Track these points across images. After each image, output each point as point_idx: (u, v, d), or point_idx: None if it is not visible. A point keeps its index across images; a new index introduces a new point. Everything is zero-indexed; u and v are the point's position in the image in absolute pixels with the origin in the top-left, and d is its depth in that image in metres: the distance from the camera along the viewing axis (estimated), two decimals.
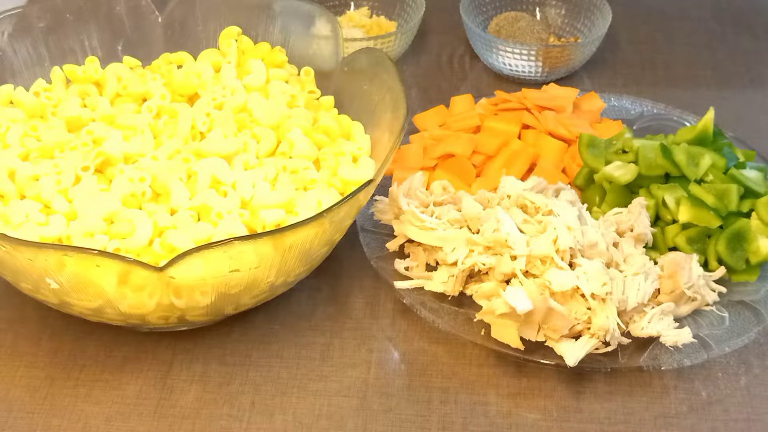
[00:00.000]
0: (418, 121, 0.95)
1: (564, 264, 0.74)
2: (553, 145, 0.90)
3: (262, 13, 0.91)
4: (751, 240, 0.80)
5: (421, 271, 0.80)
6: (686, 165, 0.81)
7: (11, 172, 0.77)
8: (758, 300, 0.78)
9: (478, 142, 0.90)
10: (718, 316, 0.77)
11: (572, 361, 0.71)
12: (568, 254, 0.75)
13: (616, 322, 0.72)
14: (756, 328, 0.75)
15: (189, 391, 0.75)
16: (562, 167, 0.89)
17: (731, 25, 1.16)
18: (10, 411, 0.73)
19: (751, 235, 0.80)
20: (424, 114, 0.96)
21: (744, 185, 0.81)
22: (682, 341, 0.73)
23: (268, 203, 0.75)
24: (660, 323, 0.74)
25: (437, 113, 0.96)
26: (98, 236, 0.72)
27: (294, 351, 0.78)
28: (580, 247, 0.75)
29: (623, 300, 0.73)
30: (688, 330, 0.74)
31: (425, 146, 0.91)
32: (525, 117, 0.93)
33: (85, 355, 0.77)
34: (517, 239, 0.75)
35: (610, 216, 0.82)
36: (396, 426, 0.72)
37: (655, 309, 0.74)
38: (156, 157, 0.78)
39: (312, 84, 0.87)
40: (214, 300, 0.71)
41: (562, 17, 1.12)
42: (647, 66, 1.10)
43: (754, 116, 1.02)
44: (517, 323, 0.73)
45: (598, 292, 0.72)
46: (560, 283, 0.73)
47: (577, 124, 0.92)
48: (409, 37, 1.07)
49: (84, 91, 0.85)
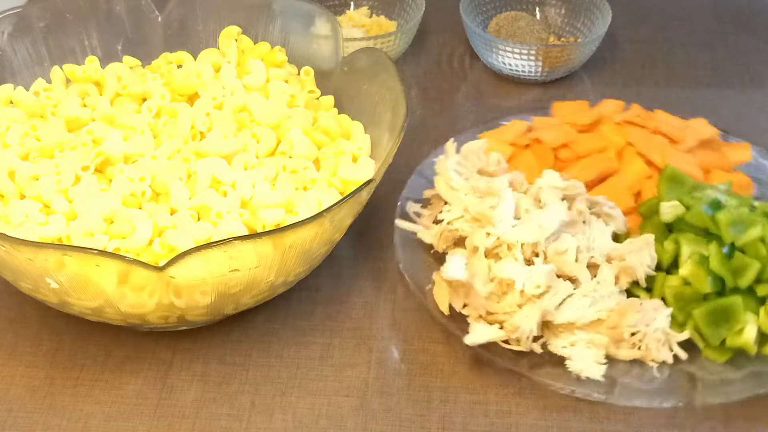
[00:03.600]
0: (556, 108, 0.93)
1: (520, 256, 0.75)
2: (636, 167, 0.84)
3: (261, 13, 0.91)
4: (737, 321, 0.72)
5: (428, 222, 0.82)
6: (726, 226, 0.74)
7: (11, 171, 0.77)
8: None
9: (574, 139, 0.87)
10: (651, 375, 0.73)
11: (469, 340, 0.73)
12: (529, 249, 0.75)
13: (533, 327, 0.72)
14: (675, 401, 0.71)
15: (189, 390, 0.75)
16: (638, 190, 0.84)
17: (731, 25, 1.16)
18: (9, 411, 0.73)
19: (740, 316, 0.72)
20: (565, 104, 0.93)
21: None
22: (587, 374, 0.72)
23: (267, 203, 0.75)
24: (585, 351, 0.73)
25: (579, 106, 0.93)
26: (98, 236, 0.72)
27: (294, 351, 0.78)
28: (544, 249, 0.75)
29: (552, 312, 0.73)
30: (602, 369, 0.72)
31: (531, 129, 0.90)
32: (633, 132, 0.88)
33: (85, 354, 0.77)
34: (502, 220, 0.76)
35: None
36: (396, 426, 0.72)
37: (585, 335, 0.73)
38: (156, 156, 0.78)
39: (312, 83, 0.87)
40: (214, 300, 0.71)
41: (562, 17, 1.12)
42: (647, 66, 1.10)
43: (754, 116, 1.02)
44: (449, 289, 0.75)
45: (528, 292, 0.73)
46: (500, 269, 0.74)
47: (680, 158, 0.84)
48: (409, 36, 1.07)
49: (84, 90, 0.85)
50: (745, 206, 0.76)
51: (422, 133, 0.99)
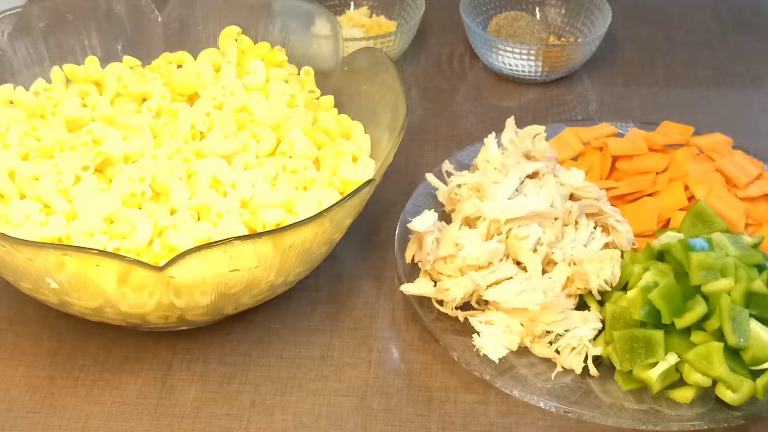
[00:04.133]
0: (662, 126, 0.91)
1: (484, 230, 0.77)
2: (675, 195, 0.83)
3: (261, 13, 0.91)
4: (653, 355, 0.70)
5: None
6: (697, 267, 0.71)
7: (11, 171, 0.77)
8: (593, 403, 0.71)
9: (638, 154, 0.86)
10: (548, 376, 0.73)
11: (404, 288, 0.77)
12: (494, 226, 0.77)
13: (460, 295, 0.75)
14: (558, 407, 0.71)
15: (189, 390, 0.75)
16: (668, 218, 0.82)
17: (731, 25, 1.16)
18: (9, 411, 0.73)
19: (657, 351, 0.70)
20: (671, 124, 0.92)
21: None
22: (485, 352, 0.74)
23: (267, 203, 0.75)
24: (499, 333, 0.74)
25: (682, 129, 0.91)
26: (98, 236, 0.72)
27: (294, 351, 0.78)
28: (505, 229, 0.77)
29: (483, 288, 0.76)
30: (502, 353, 0.74)
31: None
32: (697, 163, 0.85)
33: (85, 354, 0.77)
34: (496, 197, 0.78)
35: (584, 238, 0.79)
36: (396, 426, 0.72)
37: (505, 319, 0.75)
38: (156, 156, 0.78)
39: (312, 83, 0.87)
40: (214, 300, 0.71)
41: (562, 17, 1.12)
42: (647, 66, 1.10)
43: (754, 116, 1.02)
44: (415, 242, 0.79)
45: (467, 261, 0.76)
46: (457, 234, 0.77)
47: (728, 201, 0.82)
48: (409, 36, 1.07)
49: (84, 90, 0.85)
50: (747, 264, 0.72)
51: (422, 133, 0.99)
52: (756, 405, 0.70)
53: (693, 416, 0.70)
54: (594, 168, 0.88)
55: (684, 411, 0.71)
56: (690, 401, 0.71)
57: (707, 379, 0.69)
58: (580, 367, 0.73)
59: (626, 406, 0.71)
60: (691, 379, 0.70)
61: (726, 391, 0.69)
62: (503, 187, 0.79)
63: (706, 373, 0.69)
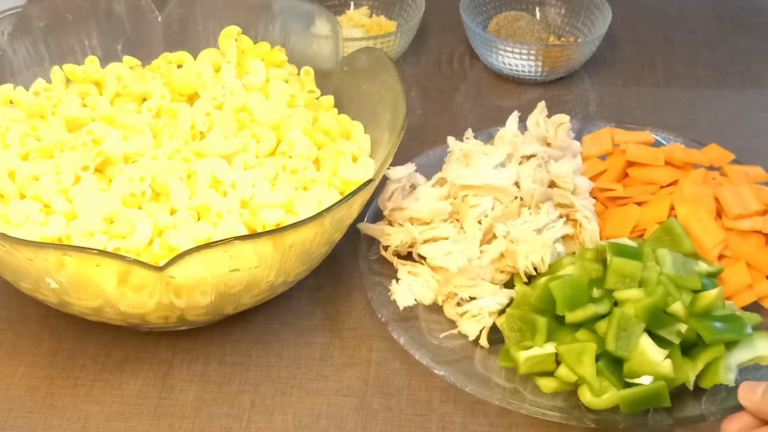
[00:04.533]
0: (708, 149, 0.89)
1: (444, 191, 0.82)
2: (657, 210, 0.82)
3: (261, 13, 0.91)
4: (531, 337, 0.71)
5: None
6: (613, 273, 0.71)
7: (11, 171, 0.77)
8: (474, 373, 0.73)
9: (651, 164, 0.86)
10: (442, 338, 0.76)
11: (360, 225, 0.82)
12: (454, 189, 0.81)
13: (396, 243, 0.80)
14: (443, 372, 0.72)
15: (189, 390, 0.75)
16: (644, 228, 0.81)
17: (731, 25, 1.16)
18: (9, 410, 0.73)
19: (538, 337, 0.71)
20: (716, 148, 0.89)
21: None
22: (393, 296, 0.77)
23: (267, 203, 0.75)
24: (418, 285, 0.78)
25: (723, 153, 0.88)
26: (98, 236, 0.72)
27: (294, 351, 0.78)
28: (459, 195, 0.81)
29: (419, 241, 0.80)
30: (409, 302, 0.77)
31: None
32: (695, 186, 0.84)
33: (85, 354, 0.77)
34: (479, 166, 0.81)
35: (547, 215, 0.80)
36: (396, 425, 0.72)
37: (427, 273, 0.79)
38: (156, 156, 0.78)
39: (312, 83, 0.87)
40: (214, 300, 0.71)
41: (562, 17, 1.12)
42: (647, 66, 1.10)
43: (754, 116, 1.02)
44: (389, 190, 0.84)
45: (410, 214, 0.81)
46: (419, 189, 0.82)
47: (708, 228, 0.79)
48: (409, 36, 1.07)
49: (84, 90, 0.85)
50: (681, 286, 0.71)
51: (422, 133, 0.99)
52: (617, 414, 0.69)
53: (549, 406, 0.70)
54: (611, 169, 0.88)
55: (543, 399, 0.71)
56: (551, 391, 0.71)
57: (572, 375, 0.70)
58: (473, 335, 0.75)
59: (493, 380, 0.72)
60: (558, 372, 0.70)
61: (586, 392, 0.69)
62: (489, 159, 0.82)
63: (573, 369, 0.69)
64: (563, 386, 0.71)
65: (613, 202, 0.85)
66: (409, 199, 0.82)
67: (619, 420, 0.69)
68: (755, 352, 0.70)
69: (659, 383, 0.68)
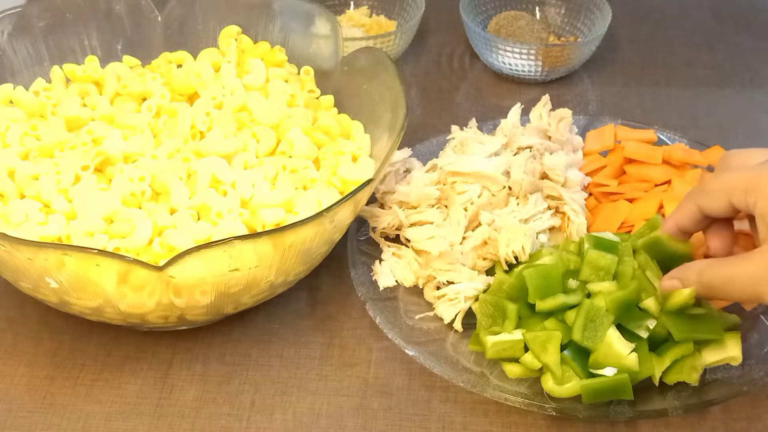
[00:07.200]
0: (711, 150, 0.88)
1: (435, 177, 0.83)
2: (646, 206, 0.82)
3: (261, 12, 0.91)
4: (500, 322, 0.72)
5: None
6: (589, 262, 0.71)
7: (11, 171, 0.77)
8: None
9: (648, 162, 0.86)
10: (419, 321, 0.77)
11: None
12: (438, 172, 0.83)
13: (384, 225, 0.82)
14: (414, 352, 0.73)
15: (189, 390, 0.75)
16: (633, 224, 0.81)
17: (731, 25, 1.16)
18: (10, 410, 0.73)
19: (508, 323, 0.71)
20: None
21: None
22: (376, 276, 0.79)
23: (267, 202, 0.75)
24: (402, 266, 0.79)
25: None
26: (98, 236, 0.72)
27: (294, 350, 0.78)
28: (449, 181, 0.82)
29: (405, 225, 0.81)
30: (390, 282, 0.78)
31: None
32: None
33: (85, 354, 0.77)
34: (474, 154, 0.82)
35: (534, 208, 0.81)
36: (396, 425, 0.72)
37: (410, 256, 0.80)
38: (156, 156, 0.78)
39: (312, 83, 0.87)
40: (213, 299, 0.71)
41: (562, 16, 1.12)
42: (647, 65, 1.10)
43: (754, 116, 1.02)
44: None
45: (397, 197, 0.82)
46: (411, 174, 0.84)
47: None
48: (409, 36, 1.07)
49: (84, 90, 0.85)
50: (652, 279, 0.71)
51: (422, 133, 0.99)
52: (578, 404, 0.70)
53: (513, 392, 0.70)
54: (611, 165, 0.88)
55: (508, 385, 0.71)
56: (516, 377, 0.71)
57: (537, 363, 0.70)
58: (448, 318, 0.76)
59: (461, 363, 0.73)
60: (523, 358, 0.71)
61: (549, 380, 0.69)
62: (483, 147, 0.83)
63: (538, 357, 0.69)
64: (528, 373, 0.71)
65: (607, 198, 0.85)
66: (402, 183, 0.83)
67: (580, 409, 0.70)
68: (726, 353, 0.70)
69: (622, 376, 0.68)
